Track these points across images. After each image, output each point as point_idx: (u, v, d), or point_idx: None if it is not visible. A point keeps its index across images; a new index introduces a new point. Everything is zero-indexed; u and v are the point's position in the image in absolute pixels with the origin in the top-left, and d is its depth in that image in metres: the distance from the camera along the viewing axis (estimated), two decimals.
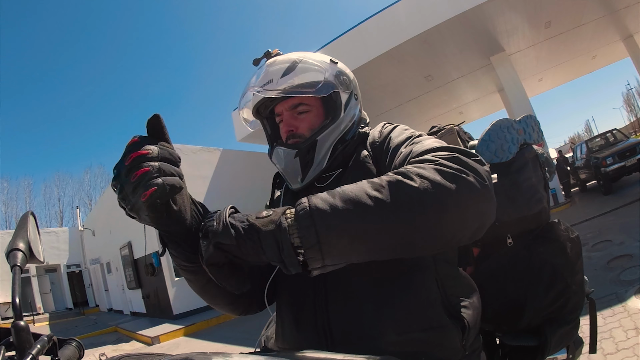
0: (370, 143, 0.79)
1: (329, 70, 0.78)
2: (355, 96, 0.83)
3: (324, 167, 0.77)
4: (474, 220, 0.54)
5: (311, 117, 0.78)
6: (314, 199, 0.52)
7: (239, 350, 0.48)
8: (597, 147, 9.97)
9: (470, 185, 0.51)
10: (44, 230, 16.97)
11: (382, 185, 0.51)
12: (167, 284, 8.80)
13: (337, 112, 0.78)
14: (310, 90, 0.75)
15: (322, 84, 0.76)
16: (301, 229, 0.49)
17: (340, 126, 0.78)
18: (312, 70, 0.77)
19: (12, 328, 0.46)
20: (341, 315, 0.64)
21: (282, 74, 0.75)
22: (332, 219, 0.49)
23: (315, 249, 0.49)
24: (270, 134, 0.86)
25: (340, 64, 0.83)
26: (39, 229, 0.62)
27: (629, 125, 39.02)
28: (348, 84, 0.81)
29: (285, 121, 0.79)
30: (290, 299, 0.73)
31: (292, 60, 0.77)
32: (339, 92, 0.78)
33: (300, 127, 0.78)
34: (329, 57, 0.82)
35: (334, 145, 0.77)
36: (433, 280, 0.65)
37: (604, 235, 4.82)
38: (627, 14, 9.60)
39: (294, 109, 0.78)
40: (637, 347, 2.15)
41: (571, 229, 0.97)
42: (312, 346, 0.65)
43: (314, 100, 0.78)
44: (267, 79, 0.76)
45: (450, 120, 12.44)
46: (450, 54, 9.36)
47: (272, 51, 0.82)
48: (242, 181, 10.65)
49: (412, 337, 0.61)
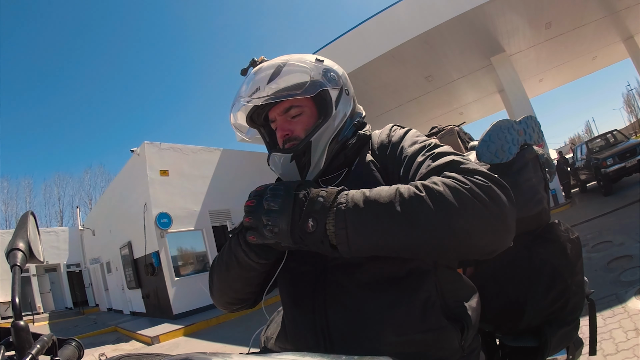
0: (378, 146, 0.78)
1: (314, 69, 0.77)
2: (346, 91, 0.81)
3: (324, 168, 0.76)
4: (492, 243, 0.57)
5: (305, 119, 0.78)
6: (355, 196, 0.58)
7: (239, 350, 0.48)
8: (597, 148, 9.97)
9: (498, 214, 0.55)
10: (44, 229, 16.98)
11: (416, 195, 0.55)
12: (167, 283, 8.79)
13: (329, 110, 0.77)
14: (297, 91, 0.74)
15: (309, 83, 0.75)
16: (337, 228, 0.56)
17: (333, 123, 0.77)
18: (296, 71, 0.76)
19: (12, 327, 0.46)
20: (340, 316, 0.65)
21: (267, 80, 0.75)
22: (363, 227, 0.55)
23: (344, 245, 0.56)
24: (269, 141, 0.86)
25: (327, 61, 0.81)
26: (39, 229, 0.62)
27: (629, 126, 39.00)
28: (337, 80, 0.80)
29: (280, 126, 0.79)
30: (289, 299, 0.74)
31: (276, 65, 0.76)
32: (327, 89, 0.77)
33: (296, 130, 0.77)
34: (314, 56, 0.81)
35: (330, 144, 0.76)
36: (433, 284, 0.65)
37: (604, 236, 4.82)
38: (628, 15, 9.60)
39: (286, 112, 0.78)
40: (637, 348, 2.14)
41: (571, 229, 0.97)
42: (310, 346, 0.66)
43: (305, 102, 0.78)
44: (255, 88, 0.76)
45: (450, 120, 12.45)
46: (451, 54, 9.36)
47: (258, 59, 0.82)
48: (243, 181, 10.64)
49: (410, 339, 0.61)
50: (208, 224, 9.98)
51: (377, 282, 0.64)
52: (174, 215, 9.23)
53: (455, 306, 0.67)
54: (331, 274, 0.68)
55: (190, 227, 9.63)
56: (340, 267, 0.67)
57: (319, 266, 0.70)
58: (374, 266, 0.65)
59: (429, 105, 12.65)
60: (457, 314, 0.66)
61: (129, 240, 10.53)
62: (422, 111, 13.05)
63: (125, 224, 10.62)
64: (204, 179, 10.21)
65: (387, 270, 0.64)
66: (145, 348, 6.68)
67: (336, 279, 0.67)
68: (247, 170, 10.78)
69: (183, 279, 9.07)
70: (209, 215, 10.03)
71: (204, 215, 9.94)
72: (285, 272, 0.74)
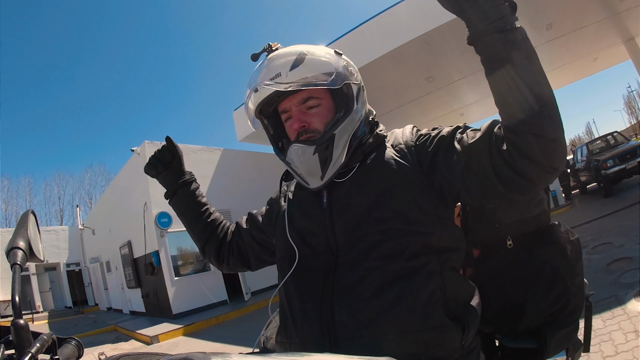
0: (405, 143, 0.76)
1: (337, 61, 0.75)
2: (363, 87, 0.80)
3: (344, 163, 0.75)
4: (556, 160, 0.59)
5: (322, 111, 0.75)
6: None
7: (238, 350, 0.48)
8: (598, 150, 9.97)
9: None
10: (44, 228, 16.97)
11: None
12: (167, 283, 8.78)
13: (350, 104, 0.75)
14: (324, 82, 0.71)
15: (335, 74, 0.72)
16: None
17: (355, 118, 0.75)
18: (321, 61, 0.73)
19: (12, 326, 0.46)
20: (345, 313, 0.65)
21: (290, 66, 0.71)
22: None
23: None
24: (273, 134, 0.83)
25: (345, 56, 0.80)
26: (39, 228, 0.62)
27: (629, 127, 38.94)
28: (356, 75, 0.78)
29: (296, 117, 0.75)
30: (297, 293, 0.73)
31: (298, 52, 0.73)
32: (350, 83, 0.75)
33: (313, 123, 0.74)
34: (331, 48, 0.79)
35: (350, 139, 0.74)
36: (437, 284, 0.65)
37: (604, 238, 4.81)
38: (629, 16, 9.60)
39: (304, 103, 0.75)
40: (636, 349, 2.14)
41: (571, 231, 0.97)
42: (315, 341, 0.66)
43: (323, 94, 0.75)
44: (274, 73, 0.71)
45: (451, 121, 12.41)
46: (452, 55, 9.35)
47: (273, 45, 0.77)
48: (243, 181, 10.65)
49: (412, 338, 0.62)
50: None
51: (385, 280, 0.64)
52: (174, 215, 9.11)
53: (457, 306, 0.67)
54: (341, 271, 0.68)
55: None
56: (349, 264, 0.67)
57: (330, 262, 0.70)
58: (382, 265, 0.65)
59: (430, 106, 12.64)
60: (459, 313, 0.66)
61: (129, 240, 10.53)
62: (422, 112, 13.04)
63: (125, 223, 10.61)
64: (204, 178, 10.20)
65: (395, 268, 0.65)
66: (144, 347, 6.68)
67: (345, 276, 0.67)
68: (247, 170, 10.78)
69: (183, 278, 9.07)
70: None
71: None
72: (296, 267, 0.74)
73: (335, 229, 0.72)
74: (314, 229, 0.75)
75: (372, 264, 0.66)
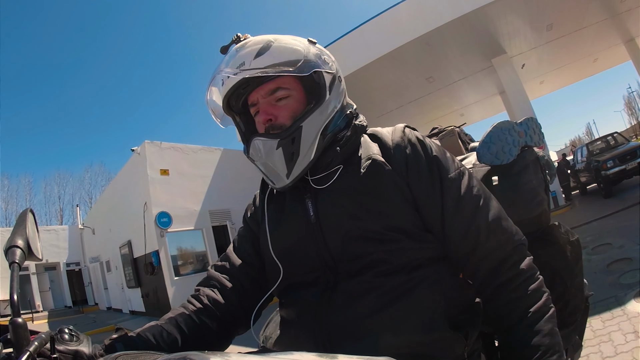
0: (394, 149, 0.70)
1: (307, 49, 0.69)
2: (339, 78, 0.73)
3: (314, 160, 0.68)
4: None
5: (292, 104, 0.69)
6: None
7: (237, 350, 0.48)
8: (598, 150, 9.96)
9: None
10: (44, 228, 16.97)
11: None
12: (167, 283, 8.79)
13: (322, 93, 0.68)
14: (289, 68, 0.65)
15: (303, 61, 0.66)
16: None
17: (326, 110, 0.68)
18: (289, 48, 0.67)
19: (10, 325, 0.46)
20: (342, 317, 0.63)
21: (254, 55, 0.65)
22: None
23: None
24: (245, 131, 0.75)
25: (319, 45, 0.73)
26: (38, 227, 0.62)
27: (629, 128, 38.91)
28: (330, 65, 0.71)
29: (263, 109, 0.69)
30: (294, 304, 0.71)
31: (265, 41, 0.67)
32: (321, 71, 0.68)
33: (280, 116, 0.68)
34: (307, 38, 0.73)
35: (321, 133, 0.68)
36: (441, 294, 0.64)
37: (603, 239, 4.81)
38: (629, 17, 9.61)
39: (271, 95, 0.69)
40: (636, 350, 2.14)
41: (571, 231, 0.97)
42: (310, 346, 0.65)
43: (293, 84, 0.69)
44: (239, 63, 0.66)
45: (451, 122, 12.43)
46: (452, 55, 9.36)
47: (242, 35, 0.72)
48: (243, 181, 10.62)
49: (412, 340, 0.61)
50: (208, 224, 9.98)
51: (387, 296, 0.62)
52: (174, 215, 9.23)
53: (460, 313, 0.66)
54: (342, 284, 0.64)
55: (190, 226, 9.63)
56: (351, 277, 0.64)
57: (328, 279, 0.66)
58: (383, 280, 0.63)
59: (430, 106, 12.65)
60: (461, 321, 0.65)
61: (129, 239, 10.53)
62: (422, 112, 13.05)
63: (125, 223, 10.61)
64: (204, 178, 10.21)
65: (397, 282, 0.62)
66: None
67: (346, 290, 0.64)
68: (247, 170, 10.71)
69: (182, 278, 9.06)
70: (209, 214, 10.03)
71: (204, 215, 9.93)
72: (291, 285, 0.71)
73: (328, 245, 0.66)
74: (305, 244, 0.69)
75: (373, 279, 0.63)
